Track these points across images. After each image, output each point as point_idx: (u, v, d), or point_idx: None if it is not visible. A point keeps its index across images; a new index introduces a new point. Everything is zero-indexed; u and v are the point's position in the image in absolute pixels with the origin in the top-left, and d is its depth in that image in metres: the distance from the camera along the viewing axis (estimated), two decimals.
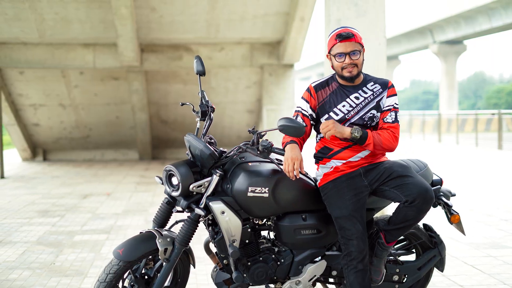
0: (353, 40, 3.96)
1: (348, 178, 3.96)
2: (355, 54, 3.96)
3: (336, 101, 4.03)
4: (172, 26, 14.41)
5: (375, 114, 4.02)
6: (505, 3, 32.82)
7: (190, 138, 4.03)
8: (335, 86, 4.08)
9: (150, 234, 3.98)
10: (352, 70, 3.97)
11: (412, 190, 3.83)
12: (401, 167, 3.95)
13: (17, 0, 12.99)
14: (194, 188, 3.88)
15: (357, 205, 3.91)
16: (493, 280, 5.42)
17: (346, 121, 3.98)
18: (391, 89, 4.09)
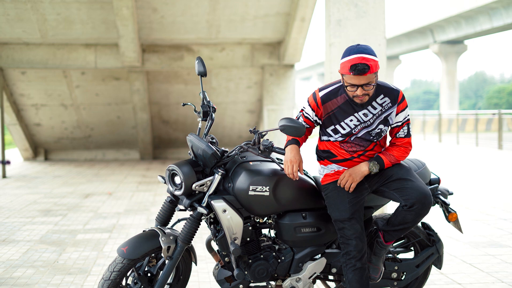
0: (368, 73, 3.74)
1: None
2: (368, 85, 3.79)
3: (343, 115, 3.95)
4: (173, 27, 14.48)
5: (382, 129, 3.97)
6: (506, 3, 32.81)
7: (192, 138, 4.10)
8: (343, 99, 3.94)
9: (153, 232, 4.06)
10: (363, 99, 3.85)
11: (411, 194, 3.86)
12: (402, 169, 3.97)
13: (19, 1, 13.06)
14: (196, 187, 3.96)
15: (356, 206, 3.96)
16: (491, 278, 5.48)
17: (352, 135, 3.96)
18: (402, 103, 3.97)
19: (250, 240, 4.11)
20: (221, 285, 4.16)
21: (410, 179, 3.91)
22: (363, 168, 3.93)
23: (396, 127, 4.03)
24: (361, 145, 3.99)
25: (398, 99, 3.96)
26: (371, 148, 4.03)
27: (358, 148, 4.00)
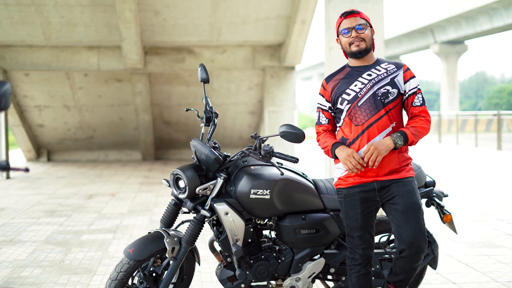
0: (357, 16, 3.97)
1: (361, 191, 3.94)
2: (361, 28, 3.94)
3: (348, 82, 3.98)
4: (175, 29, 14.64)
5: (390, 90, 3.92)
6: (506, 3, 32.93)
7: (196, 144, 4.26)
8: (347, 70, 4.04)
9: (158, 234, 4.21)
10: (359, 44, 3.93)
11: (405, 238, 3.83)
12: (412, 204, 3.87)
13: (24, 4, 13.21)
14: (199, 191, 4.11)
15: (368, 217, 3.96)
16: (486, 278, 5.64)
17: (359, 99, 3.91)
18: (408, 71, 3.99)
19: (252, 241, 4.27)
20: (224, 284, 4.32)
21: (411, 221, 3.85)
22: (387, 141, 3.82)
23: (410, 96, 3.97)
24: (370, 110, 3.88)
25: (403, 67, 3.99)
26: (382, 115, 3.90)
27: (367, 115, 3.89)
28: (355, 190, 3.94)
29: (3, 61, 15.05)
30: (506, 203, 9.83)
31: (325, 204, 4.37)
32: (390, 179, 3.91)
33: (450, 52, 44.97)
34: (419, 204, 3.88)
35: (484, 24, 36.70)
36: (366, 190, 3.93)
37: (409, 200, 3.86)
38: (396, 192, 3.89)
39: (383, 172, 3.91)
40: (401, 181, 3.91)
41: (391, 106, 3.91)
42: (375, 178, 3.91)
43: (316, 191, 4.37)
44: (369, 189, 3.92)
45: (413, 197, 3.89)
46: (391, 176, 3.91)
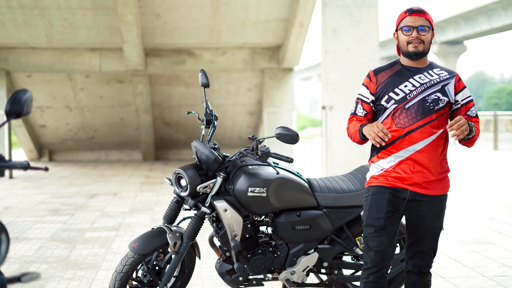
0: (423, 16, 3.79)
1: (392, 195, 3.78)
2: (423, 30, 3.77)
3: (398, 81, 3.81)
4: (175, 32, 14.90)
5: (440, 97, 3.75)
6: (505, 4, 33.09)
7: (196, 145, 4.52)
8: (398, 67, 3.87)
9: (161, 229, 4.47)
10: (418, 46, 3.76)
11: (414, 257, 3.88)
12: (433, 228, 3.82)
13: (27, 7, 13.47)
14: (200, 189, 4.37)
15: (391, 220, 3.79)
16: (474, 272, 5.89)
17: (407, 101, 3.75)
18: (460, 82, 3.85)
19: (249, 236, 4.53)
20: (223, 277, 4.58)
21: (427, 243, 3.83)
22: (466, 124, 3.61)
23: (464, 105, 3.83)
24: (416, 115, 3.73)
25: (456, 77, 3.84)
26: (428, 122, 3.74)
27: (412, 119, 3.74)
28: (387, 190, 3.78)
29: (7, 62, 15.30)
30: (499, 202, 10.09)
31: (319, 201, 4.62)
32: (424, 193, 3.76)
33: (449, 52, 45.17)
34: (441, 227, 3.85)
35: (483, 24, 36.85)
36: (397, 196, 3.77)
37: (433, 223, 3.79)
38: (425, 213, 3.77)
39: (421, 181, 3.74)
40: (434, 200, 3.78)
41: (439, 114, 3.75)
42: (410, 187, 3.74)
43: (310, 189, 4.63)
44: (401, 196, 3.77)
45: (439, 221, 3.82)
46: (427, 190, 3.76)
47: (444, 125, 3.78)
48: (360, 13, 8.80)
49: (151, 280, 4.50)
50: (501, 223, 8.32)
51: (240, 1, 13.89)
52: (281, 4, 14.21)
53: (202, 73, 4.70)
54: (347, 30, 8.88)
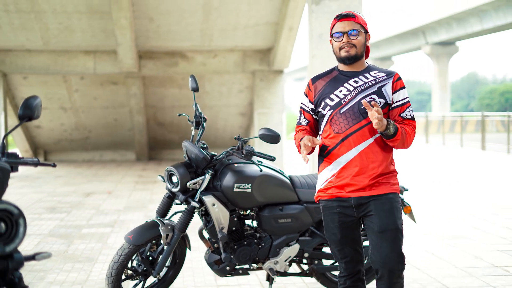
0: (353, 20, 3.72)
1: (339, 206, 3.76)
2: (354, 34, 3.71)
3: (333, 87, 3.79)
4: (168, 35, 15.28)
5: (376, 99, 3.71)
6: (496, 5, 33.41)
7: (187, 144, 4.91)
8: (335, 74, 3.84)
9: (154, 223, 4.86)
10: (349, 50, 3.71)
11: (379, 258, 3.68)
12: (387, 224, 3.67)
13: (24, 11, 13.83)
14: (190, 185, 4.76)
15: (347, 230, 3.79)
16: (445, 263, 6.29)
17: (342, 106, 3.73)
18: (398, 81, 3.78)
19: (235, 229, 4.91)
20: (211, 267, 4.96)
21: (388, 242, 3.66)
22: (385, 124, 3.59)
23: (399, 107, 3.78)
24: (351, 119, 3.70)
25: (394, 77, 3.78)
26: (364, 125, 3.71)
27: (348, 123, 3.71)
28: (334, 204, 3.78)
29: (3, 64, 15.64)
30: (479, 200, 10.49)
31: (300, 197, 5.02)
32: (369, 195, 3.71)
33: (441, 53, 45.46)
34: (396, 224, 3.67)
35: (474, 25, 37.16)
36: (343, 206, 3.76)
37: (386, 220, 3.66)
38: (374, 211, 3.70)
39: (363, 185, 3.70)
40: (381, 198, 3.71)
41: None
42: (352, 194, 3.72)
43: (291, 185, 5.02)
44: (347, 205, 3.75)
45: (391, 217, 3.68)
46: (370, 191, 3.71)
47: None
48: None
49: (145, 269, 4.88)
50: (480, 220, 8.73)
51: (231, 6, 14.28)
52: (271, 9, 14.60)
53: (192, 79, 5.08)
54: None
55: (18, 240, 2.45)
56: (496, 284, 5.55)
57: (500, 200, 10.44)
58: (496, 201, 10.39)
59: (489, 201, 10.39)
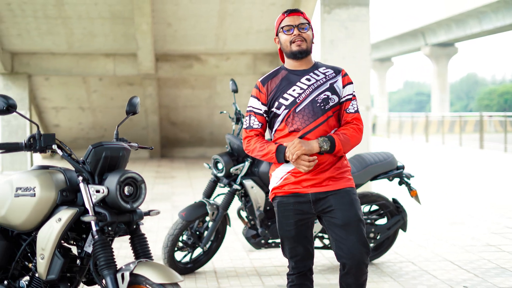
0: (301, 15, 3.77)
1: (296, 202, 3.73)
2: (305, 28, 3.74)
3: (286, 86, 3.75)
4: (185, 39, 16.23)
5: (330, 96, 3.73)
6: (495, 7, 33.71)
7: (230, 137, 5.87)
8: (284, 73, 3.79)
9: (202, 203, 5.81)
10: (301, 44, 3.71)
11: (346, 250, 3.64)
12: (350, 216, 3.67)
13: (51, 17, 14.78)
14: (233, 171, 5.71)
15: (302, 228, 3.76)
16: (445, 242, 7.23)
17: (297, 105, 3.71)
18: (346, 77, 3.81)
19: (270, 208, 5.85)
20: (249, 241, 5.91)
21: (353, 234, 3.64)
22: (314, 144, 3.61)
23: (346, 101, 3.79)
24: (308, 117, 3.69)
25: (341, 72, 3.81)
26: (321, 122, 3.71)
27: (305, 121, 3.70)
28: (290, 200, 3.74)
29: (28, 67, 16.59)
30: (476, 191, 11.44)
31: None
32: (327, 190, 3.70)
33: (441, 54, 45.49)
34: (358, 215, 3.68)
35: (473, 27, 37.45)
36: (300, 202, 3.72)
37: (347, 213, 3.66)
38: (334, 205, 3.68)
39: (320, 180, 3.70)
40: (339, 192, 3.71)
41: (330, 113, 3.73)
42: (310, 190, 3.70)
43: None
44: (304, 201, 3.71)
45: (352, 209, 3.68)
46: (328, 187, 3.70)
47: (337, 125, 3.81)
48: (354, 26, 10.14)
49: (193, 242, 5.82)
50: (476, 209, 9.67)
51: (245, 12, 15.23)
52: None
53: (232, 82, 6.03)
54: (343, 41, 10.22)
55: (141, 199, 3.37)
56: (490, 258, 6.47)
57: (495, 193, 11.38)
58: (492, 193, 11.32)
59: (485, 193, 11.33)
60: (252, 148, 3.77)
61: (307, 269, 3.82)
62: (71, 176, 3.48)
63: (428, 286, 5.50)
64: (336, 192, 3.69)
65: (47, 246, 3.26)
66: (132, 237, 3.42)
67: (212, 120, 20.09)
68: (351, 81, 3.83)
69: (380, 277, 5.81)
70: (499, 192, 11.50)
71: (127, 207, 3.29)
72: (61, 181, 3.43)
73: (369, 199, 6.13)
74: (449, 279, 5.71)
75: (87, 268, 3.44)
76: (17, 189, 3.40)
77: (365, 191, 6.16)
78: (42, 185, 3.36)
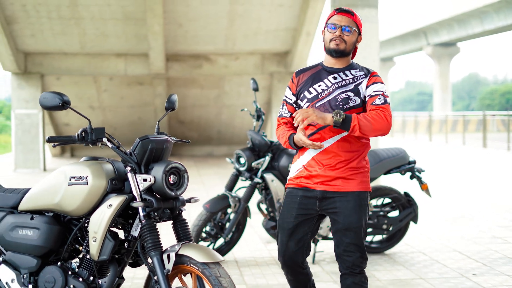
0: (351, 17, 3.78)
1: (303, 197, 3.79)
2: (348, 30, 3.74)
3: (314, 81, 3.82)
4: (195, 40, 16.56)
5: (351, 97, 3.74)
6: (497, 7, 33.95)
7: (251, 133, 6.20)
8: (318, 68, 3.88)
9: (224, 195, 6.14)
10: (339, 44, 3.73)
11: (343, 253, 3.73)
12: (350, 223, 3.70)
13: (65, 18, 15.13)
14: (254, 165, 6.04)
15: (301, 223, 3.82)
16: (454, 234, 7.56)
17: (318, 100, 3.76)
18: (373, 77, 3.80)
19: None
20: (268, 232, 6.24)
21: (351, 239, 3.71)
22: (327, 115, 3.60)
23: (370, 97, 3.76)
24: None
25: (370, 74, 3.81)
26: None
27: None
28: (298, 193, 3.81)
29: (41, 66, 16.93)
30: (481, 188, 11.76)
31: None
32: (335, 191, 3.74)
33: (443, 54, 45.88)
34: (360, 222, 3.71)
35: (475, 27, 37.71)
36: (307, 196, 3.78)
37: (350, 218, 3.70)
38: (338, 208, 3.73)
39: (329, 179, 3.74)
40: (347, 195, 3.73)
41: (349, 113, 3.67)
42: (319, 187, 3.75)
43: None
44: (311, 196, 3.78)
45: (355, 215, 3.71)
46: (336, 187, 3.74)
47: None
48: (363, 27, 10.45)
49: (216, 233, 6.15)
50: (482, 205, 10.00)
51: (254, 13, 15.57)
52: (290, 16, 15.87)
53: (253, 81, 6.36)
54: None
55: (184, 187, 3.69)
56: (497, 249, 6.80)
57: (500, 190, 11.71)
58: (496, 190, 11.66)
59: (490, 190, 11.66)
60: (278, 135, 3.90)
61: (296, 265, 3.85)
62: (119, 167, 3.78)
63: (439, 274, 5.83)
64: (344, 194, 3.72)
65: (99, 229, 3.58)
66: (175, 222, 3.74)
67: (220, 119, 20.42)
68: (379, 81, 3.79)
69: (393, 266, 6.14)
70: (504, 189, 11.82)
71: (172, 194, 3.61)
72: (110, 170, 3.75)
73: (382, 193, 6.46)
74: (459, 267, 6.03)
75: (133, 250, 3.76)
76: (71, 178, 3.72)
77: (379, 185, 6.49)
78: (94, 174, 3.67)
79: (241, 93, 19.52)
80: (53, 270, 3.74)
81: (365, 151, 3.82)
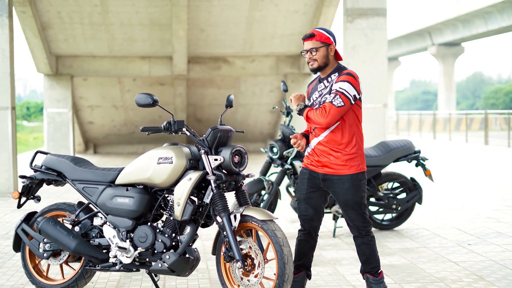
0: (312, 39, 4.60)
1: (310, 175, 4.74)
2: (314, 51, 4.56)
3: (313, 91, 4.76)
4: (215, 43, 17.78)
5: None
6: (501, 7, 34.76)
7: (282, 127, 7.38)
8: (317, 80, 4.78)
9: (259, 179, 7.31)
10: (312, 64, 4.61)
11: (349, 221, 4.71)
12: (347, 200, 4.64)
13: (96, 24, 16.37)
14: (285, 154, 7.21)
15: (312, 194, 4.74)
16: (454, 216, 8.70)
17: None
18: (342, 75, 4.53)
19: None
20: (295, 210, 7.37)
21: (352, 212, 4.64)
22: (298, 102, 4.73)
23: (330, 94, 4.59)
24: None
25: (341, 72, 4.59)
26: None
27: None
28: (307, 171, 4.76)
29: (71, 68, 18.17)
30: (481, 180, 12.89)
31: None
32: (333, 174, 4.63)
33: (447, 54, 46.60)
34: (356, 198, 4.60)
35: (479, 27, 38.53)
36: (313, 176, 4.72)
37: (346, 197, 4.61)
38: (336, 189, 4.63)
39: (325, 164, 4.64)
40: (341, 178, 4.60)
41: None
42: (320, 169, 4.67)
43: None
44: (316, 177, 4.70)
45: (350, 193, 4.59)
46: (334, 170, 4.62)
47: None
48: (373, 34, 11.63)
49: None
50: (481, 194, 11.13)
51: (271, 18, 16.78)
52: (304, 21, 17.07)
53: (283, 83, 7.54)
54: (363, 47, 11.71)
55: (245, 165, 4.83)
56: (490, 226, 7.97)
57: (498, 180, 12.83)
58: (495, 180, 12.78)
59: (489, 180, 12.78)
60: None
61: (312, 229, 4.76)
62: (194, 150, 4.94)
63: (440, 244, 7.01)
64: (341, 177, 4.59)
65: (182, 196, 4.72)
66: (237, 192, 4.88)
67: (235, 118, 21.55)
68: (345, 79, 4.50)
69: (401, 238, 7.32)
70: (502, 180, 12.94)
71: (236, 170, 4.76)
72: (188, 153, 4.90)
73: (392, 177, 7.64)
74: (456, 239, 7.22)
75: (205, 214, 4.91)
76: (159, 159, 4.88)
77: (389, 171, 7.68)
78: (176, 155, 4.83)
79: (256, 93, 20.70)
80: (145, 229, 4.90)
81: (355, 139, 4.64)
